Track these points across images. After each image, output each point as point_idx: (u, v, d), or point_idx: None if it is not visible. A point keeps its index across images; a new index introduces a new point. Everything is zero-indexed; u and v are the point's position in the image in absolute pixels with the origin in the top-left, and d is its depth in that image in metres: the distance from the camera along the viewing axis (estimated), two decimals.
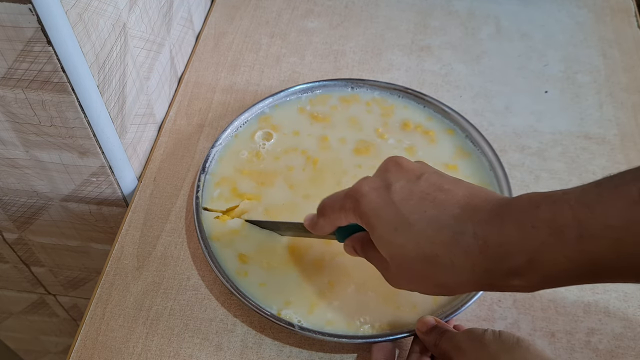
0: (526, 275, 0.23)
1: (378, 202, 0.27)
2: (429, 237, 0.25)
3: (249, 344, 0.35)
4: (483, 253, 0.24)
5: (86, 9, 0.32)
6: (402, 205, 0.26)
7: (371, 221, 0.27)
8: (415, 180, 0.27)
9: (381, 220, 0.27)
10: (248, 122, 0.46)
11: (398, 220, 0.26)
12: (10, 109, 0.35)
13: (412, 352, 0.33)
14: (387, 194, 0.27)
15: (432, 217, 0.25)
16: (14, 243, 0.52)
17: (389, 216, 0.26)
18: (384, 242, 0.27)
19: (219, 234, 0.39)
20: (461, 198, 0.26)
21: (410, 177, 0.27)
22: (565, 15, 0.57)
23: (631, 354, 0.35)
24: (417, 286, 0.28)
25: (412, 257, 0.26)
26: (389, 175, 0.28)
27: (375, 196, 0.27)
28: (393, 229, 0.26)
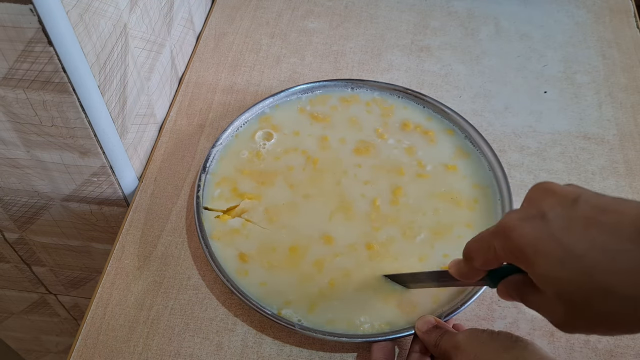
0: None
1: (534, 234, 0.23)
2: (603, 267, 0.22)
3: (250, 343, 0.36)
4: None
5: (87, 10, 0.32)
6: (564, 234, 0.23)
7: (529, 257, 0.23)
8: (571, 205, 0.24)
9: (541, 254, 0.23)
10: (248, 122, 0.46)
11: (563, 253, 0.22)
12: (11, 109, 0.35)
13: (412, 352, 0.33)
14: (543, 224, 0.23)
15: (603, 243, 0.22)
16: (15, 243, 0.52)
17: (550, 249, 0.23)
18: (549, 280, 0.23)
19: (220, 234, 0.39)
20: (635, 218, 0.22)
21: (564, 202, 0.24)
22: (564, 15, 0.58)
23: (630, 353, 0.35)
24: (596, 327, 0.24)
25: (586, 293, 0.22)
26: (540, 203, 0.24)
27: (529, 229, 0.24)
28: (558, 263, 0.23)
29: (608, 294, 0.22)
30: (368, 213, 0.40)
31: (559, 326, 0.25)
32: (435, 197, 0.41)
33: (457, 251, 0.38)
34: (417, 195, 0.41)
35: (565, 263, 0.22)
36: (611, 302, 0.22)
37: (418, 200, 0.41)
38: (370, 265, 0.38)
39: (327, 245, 0.39)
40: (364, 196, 0.41)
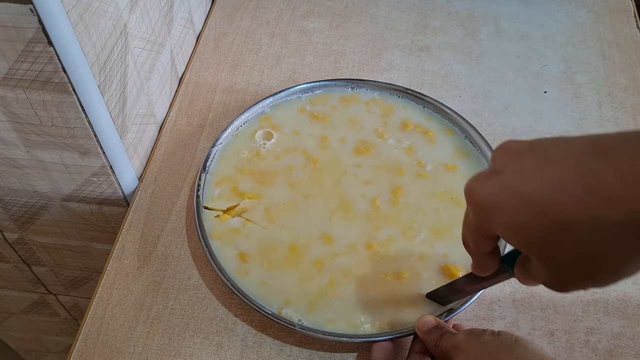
0: None
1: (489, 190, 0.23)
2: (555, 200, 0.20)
3: (250, 343, 0.36)
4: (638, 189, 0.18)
5: (87, 10, 0.32)
6: (515, 180, 0.22)
7: (490, 214, 0.23)
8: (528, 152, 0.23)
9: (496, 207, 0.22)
10: (248, 122, 0.46)
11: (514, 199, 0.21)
12: (11, 109, 0.35)
13: (412, 352, 0.33)
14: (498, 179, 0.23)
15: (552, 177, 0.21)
16: (15, 243, 0.52)
17: (504, 199, 0.22)
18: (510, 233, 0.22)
19: (220, 233, 0.39)
20: (585, 144, 0.21)
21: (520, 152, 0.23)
22: (564, 15, 0.58)
23: (630, 353, 0.35)
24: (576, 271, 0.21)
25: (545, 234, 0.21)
26: (496, 161, 0.24)
27: (485, 186, 0.23)
28: (512, 211, 0.22)
29: (565, 227, 0.20)
30: (368, 213, 0.40)
31: (549, 285, 0.23)
32: (435, 197, 0.41)
33: (457, 251, 0.38)
34: (417, 195, 0.41)
35: (518, 208, 0.21)
36: (572, 236, 0.20)
37: (418, 200, 0.41)
38: (371, 265, 0.38)
39: (327, 245, 0.39)
40: (364, 196, 0.41)
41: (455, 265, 0.38)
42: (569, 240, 0.20)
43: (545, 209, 0.21)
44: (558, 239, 0.21)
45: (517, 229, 0.22)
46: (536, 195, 0.21)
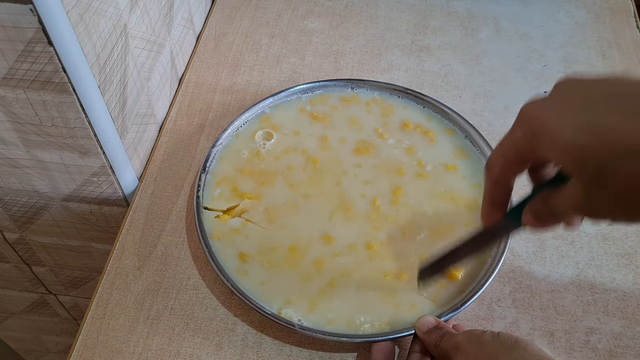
0: None
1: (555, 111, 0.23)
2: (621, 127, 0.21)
3: (250, 343, 0.36)
4: None
5: (87, 10, 0.32)
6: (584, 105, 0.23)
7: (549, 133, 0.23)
8: (594, 85, 0.24)
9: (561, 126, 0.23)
10: (248, 122, 0.46)
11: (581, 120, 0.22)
12: (11, 109, 0.35)
13: (412, 352, 0.33)
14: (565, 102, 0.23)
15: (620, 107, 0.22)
16: (15, 243, 0.52)
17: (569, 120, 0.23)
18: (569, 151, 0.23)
19: (220, 233, 0.39)
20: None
21: (587, 85, 0.24)
22: (564, 15, 0.58)
23: (630, 353, 0.35)
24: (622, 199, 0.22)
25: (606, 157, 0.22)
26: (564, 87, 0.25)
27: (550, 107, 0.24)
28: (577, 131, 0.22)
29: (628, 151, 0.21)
30: (368, 213, 0.40)
31: (585, 209, 0.24)
32: (435, 197, 0.41)
33: None
34: (417, 195, 0.41)
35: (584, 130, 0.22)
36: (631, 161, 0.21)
37: (418, 200, 0.41)
38: (371, 265, 0.38)
39: (327, 245, 0.39)
40: (364, 196, 0.41)
41: None
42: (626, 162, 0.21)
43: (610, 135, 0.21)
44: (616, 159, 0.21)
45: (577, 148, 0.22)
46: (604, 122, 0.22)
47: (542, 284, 0.38)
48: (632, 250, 0.40)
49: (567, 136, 0.23)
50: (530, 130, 0.24)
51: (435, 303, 0.36)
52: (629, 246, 0.40)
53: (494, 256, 0.38)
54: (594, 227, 0.41)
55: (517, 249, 0.40)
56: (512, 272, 0.39)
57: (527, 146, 0.25)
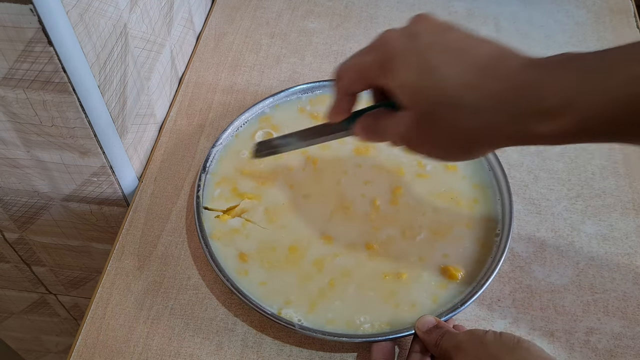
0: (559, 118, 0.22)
1: (403, 48, 0.26)
2: (454, 80, 0.24)
3: (250, 343, 0.36)
4: (513, 95, 0.23)
5: (87, 10, 0.32)
6: (428, 50, 0.25)
7: (395, 66, 0.26)
8: (442, 32, 0.26)
9: (405, 64, 0.26)
10: (248, 122, 0.46)
11: (423, 64, 0.25)
12: (11, 109, 0.35)
13: (412, 352, 0.33)
14: (413, 41, 0.26)
15: (459, 62, 0.25)
16: (15, 243, 0.52)
17: (413, 60, 0.25)
18: (407, 88, 0.26)
19: (220, 233, 0.39)
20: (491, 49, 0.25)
21: (438, 29, 0.27)
22: (564, 15, 0.57)
23: (630, 353, 0.35)
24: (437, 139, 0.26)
25: (436, 101, 0.25)
26: (416, 26, 0.27)
27: (400, 42, 0.26)
28: (417, 73, 0.25)
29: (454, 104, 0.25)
30: (368, 213, 0.40)
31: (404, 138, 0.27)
32: (435, 197, 0.41)
33: (457, 251, 0.38)
34: (417, 195, 0.41)
35: (423, 73, 0.25)
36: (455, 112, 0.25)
37: (418, 200, 0.41)
38: (370, 265, 0.38)
39: (327, 245, 0.39)
40: (364, 196, 0.41)
41: (454, 266, 0.38)
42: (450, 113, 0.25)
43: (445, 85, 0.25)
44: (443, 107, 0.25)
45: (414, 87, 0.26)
46: (442, 70, 0.25)
47: (542, 284, 0.38)
48: (632, 251, 0.40)
49: (408, 76, 0.26)
50: (381, 59, 0.27)
51: (435, 302, 0.36)
52: (629, 246, 0.40)
53: (494, 256, 0.38)
54: (594, 227, 0.41)
55: (517, 249, 0.40)
56: (512, 272, 0.39)
57: (375, 72, 0.27)
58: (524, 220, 0.41)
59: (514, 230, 0.40)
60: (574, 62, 0.23)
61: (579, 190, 0.43)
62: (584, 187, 0.43)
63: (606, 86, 0.22)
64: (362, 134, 0.30)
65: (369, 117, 0.29)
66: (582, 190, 0.43)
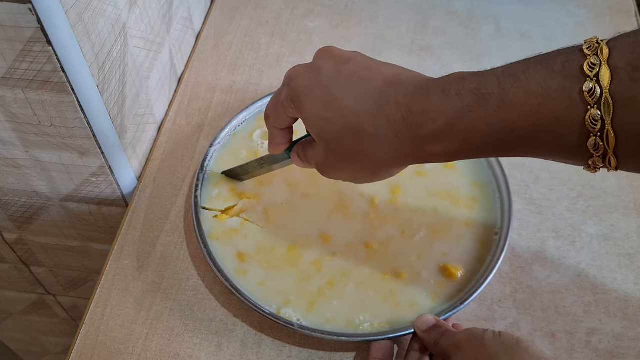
0: (445, 140, 0.25)
1: (307, 83, 0.28)
2: (354, 109, 0.26)
3: (249, 343, 0.35)
4: (406, 120, 0.25)
5: (86, 9, 0.32)
6: (330, 83, 0.27)
7: (301, 101, 0.28)
8: (344, 63, 0.28)
9: (309, 98, 0.28)
10: (246, 122, 0.46)
11: (326, 97, 0.27)
12: (10, 109, 0.35)
13: (411, 351, 0.33)
14: (317, 75, 0.28)
15: (358, 91, 0.27)
16: (13, 243, 0.52)
17: (317, 94, 0.27)
18: (313, 120, 0.28)
19: (218, 233, 0.39)
20: (388, 75, 0.27)
21: (339, 61, 0.28)
22: (565, 15, 0.57)
23: (631, 354, 0.35)
24: (345, 164, 0.28)
25: (340, 131, 0.27)
26: (319, 60, 0.29)
27: (305, 78, 0.28)
28: (321, 105, 0.27)
29: (355, 131, 0.26)
30: (367, 212, 0.40)
31: (320, 167, 0.30)
32: (434, 196, 0.41)
33: (457, 250, 0.38)
34: (415, 194, 0.41)
35: (327, 105, 0.27)
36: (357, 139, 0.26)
37: (417, 199, 0.41)
38: (369, 265, 0.38)
39: (326, 244, 0.39)
40: (363, 195, 0.41)
41: (454, 264, 0.37)
42: (353, 139, 0.27)
43: (346, 114, 0.27)
44: (346, 136, 0.27)
45: (319, 119, 0.28)
46: (342, 101, 0.27)
47: (543, 284, 0.38)
48: (633, 251, 0.40)
49: (313, 109, 0.28)
50: (291, 95, 0.29)
51: (434, 302, 0.36)
52: (630, 247, 0.40)
53: (493, 254, 0.37)
54: (595, 227, 0.41)
55: (518, 250, 0.40)
56: (513, 273, 0.39)
57: (288, 107, 0.29)
58: (525, 221, 0.41)
59: (514, 230, 0.40)
60: (456, 86, 0.25)
61: (580, 190, 0.43)
62: (585, 187, 0.43)
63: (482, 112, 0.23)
64: (296, 161, 0.33)
65: (299, 146, 0.32)
66: (583, 190, 0.43)
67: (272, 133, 0.32)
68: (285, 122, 0.31)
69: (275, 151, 0.34)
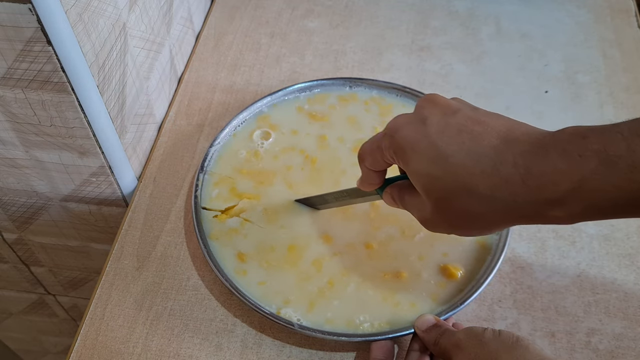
0: (569, 204, 0.23)
1: (413, 136, 0.27)
2: (467, 168, 0.25)
3: (249, 344, 0.35)
4: (525, 182, 0.24)
5: (86, 9, 0.32)
6: (438, 137, 0.26)
7: (407, 154, 0.27)
8: (451, 115, 0.27)
9: (416, 153, 0.26)
10: (246, 122, 0.46)
11: (434, 152, 0.26)
12: (10, 109, 0.35)
13: (411, 350, 0.33)
14: (423, 127, 0.26)
15: (470, 148, 0.25)
16: (13, 243, 0.52)
17: (424, 148, 0.26)
18: (420, 176, 0.26)
19: (218, 233, 0.39)
20: (500, 130, 0.25)
21: (446, 112, 0.27)
22: (565, 15, 0.57)
23: (631, 354, 0.35)
24: (455, 223, 0.27)
25: (451, 190, 0.25)
26: (424, 110, 0.27)
27: (410, 130, 0.27)
28: (429, 162, 0.26)
29: (468, 192, 0.25)
30: (367, 212, 0.40)
31: (425, 222, 0.29)
32: None
33: (457, 250, 0.38)
34: None
35: (436, 162, 0.26)
36: (470, 200, 0.25)
37: None
38: (370, 265, 0.38)
39: (326, 244, 0.39)
40: None
41: (454, 265, 0.37)
42: (465, 200, 0.25)
43: (459, 172, 0.25)
44: (458, 196, 0.25)
45: (427, 176, 0.26)
46: (454, 158, 0.25)
47: (543, 284, 0.38)
48: (633, 251, 0.40)
49: (420, 165, 0.26)
50: (394, 146, 0.28)
51: (434, 302, 0.36)
52: (630, 247, 0.40)
53: (492, 254, 0.37)
54: (595, 227, 0.41)
55: (518, 250, 0.40)
56: (513, 273, 0.39)
57: (389, 157, 0.28)
58: None
59: (514, 230, 0.40)
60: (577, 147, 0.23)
61: None
62: None
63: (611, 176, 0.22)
64: (389, 202, 0.32)
65: (394, 188, 0.31)
66: None
67: (367, 174, 0.31)
68: (382, 166, 0.30)
69: (366, 189, 0.32)
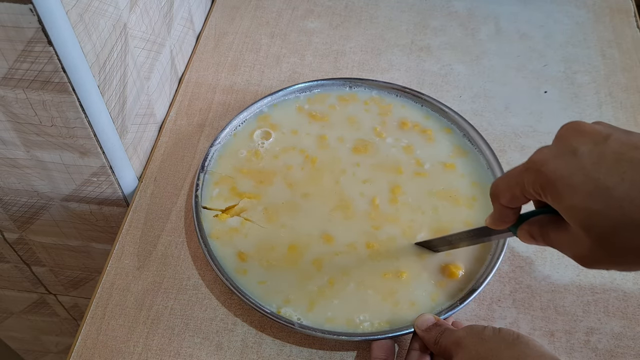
0: None
1: (565, 169, 0.24)
2: (634, 200, 0.22)
3: (250, 343, 0.36)
4: None
5: (87, 10, 0.32)
6: (595, 169, 0.23)
7: (558, 189, 0.24)
8: (603, 142, 0.24)
9: (571, 187, 0.24)
10: (247, 121, 0.46)
11: (592, 186, 0.23)
12: (11, 109, 0.35)
13: (412, 349, 0.33)
14: (574, 159, 0.24)
15: (633, 178, 0.23)
16: (14, 243, 0.52)
17: (580, 182, 0.23)
18: (578, 211, 0.24)
19: (219, 233, 0.39)
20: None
21: (596, 140, 0.24)
22: (564, 15, 0.57)
23: (630, 353, 0.35)
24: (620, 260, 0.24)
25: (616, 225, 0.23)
26: (571, 140, 0.25)
27: (560, 163, 0.24)
28: (587, 196, 0.23)
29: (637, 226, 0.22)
30: (367, 212, 0.40)
31: (583, 260, 0.25)
32: (434, 196, 0.41)
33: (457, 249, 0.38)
34: (416, 194, 0.41)
35: (595, 196, 0.23)
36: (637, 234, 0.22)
37: (417, 199, 0.41)
38: (370, 264, 0.38)
39: (327, 244, 0.39)
40: (363, 195, 0.41)
41: (454, 264, 0.38)
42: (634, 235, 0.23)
43: (624, 206, 0.22)
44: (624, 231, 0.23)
45: (586, 211, 0.23)
46: (616, 191, 0.23)
47: (543, 284, 0.38)
48: None
49: (577, 199, 0.24)
50: (539, 181, 0.25)
51: (434, 301, 0.36)
52: None
53: (492, 254, 0.38)
54: None
55: (518, 249, 0.40)
56: (512, 273, 0.39)
57: (535, 192, 0.26)
58: None
59: None
60: None
61: None
62: None
63: None
64: (527, 240, 0.29)
65: (534, 225, 0.28)
66: None
67: (501, 211, 0.29)
68: (521, 203, 0.28)
69: (498, 227, 0.30)
